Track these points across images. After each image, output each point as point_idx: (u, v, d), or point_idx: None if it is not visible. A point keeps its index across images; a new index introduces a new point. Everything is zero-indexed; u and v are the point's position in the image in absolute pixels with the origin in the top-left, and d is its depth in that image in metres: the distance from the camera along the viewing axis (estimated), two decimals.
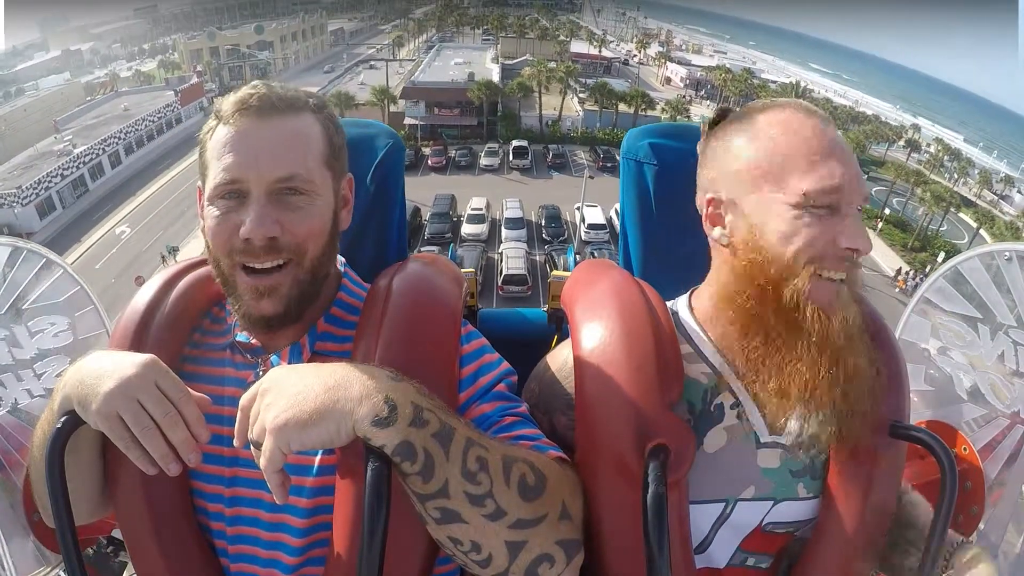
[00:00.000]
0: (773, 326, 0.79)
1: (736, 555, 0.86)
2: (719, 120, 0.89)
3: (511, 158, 34.36)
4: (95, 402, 0.70)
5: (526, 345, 1.16)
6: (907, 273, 26.20)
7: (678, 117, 38.74)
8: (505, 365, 0.90)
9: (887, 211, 32.76)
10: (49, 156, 32.30)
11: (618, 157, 1.24)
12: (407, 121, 38.23)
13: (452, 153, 35.36)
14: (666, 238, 1.15)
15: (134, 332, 0.86)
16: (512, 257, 22.26)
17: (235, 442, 0.70)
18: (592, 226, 24.82)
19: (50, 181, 29.94)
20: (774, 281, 0.78)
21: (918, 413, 1.23)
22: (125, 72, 53.21)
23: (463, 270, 1.10)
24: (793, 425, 0.81)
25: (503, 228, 25.52)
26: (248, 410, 0.69)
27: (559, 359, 0.94)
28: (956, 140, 48.05)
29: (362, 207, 1.13)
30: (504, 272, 21.41)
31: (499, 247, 24.13)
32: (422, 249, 22.95)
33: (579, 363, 0.84)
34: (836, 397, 0.77)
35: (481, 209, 26.54)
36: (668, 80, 57.58)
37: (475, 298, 1.48)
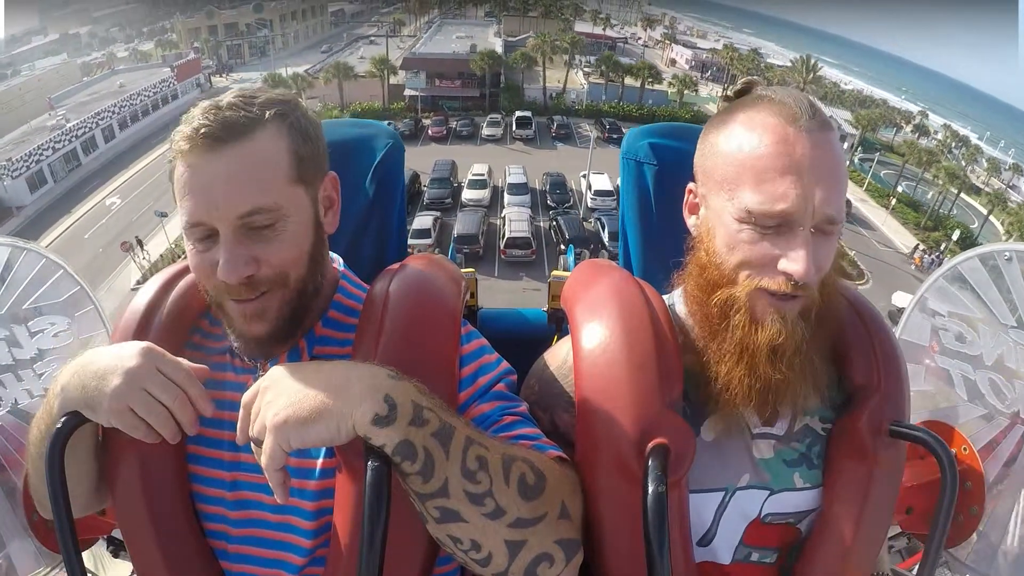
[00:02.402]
0: (711, 324, 0.81)
1: (739, 550, 0.85)
2: (742, 94, 0.85)
3: (514, 128, 33.68)
4: (105, 400, 0.72)
5: (526, 345, 1.14)
6: (923, 251, 25.68)
7: (686, 91, 38.04)
8: (504, 365, 0.89)
9: (900, 189, 31.99)
10: (42, 131, 31.42)
11: (624, 129, 0.75)
12: (407, 92, 37.49)
13: (453, 124, 34.64)
14: (666, 238, 1.11)
15: (134, 334, 0.85)
16: (516, 220, 21.59)
17: (237, 440, 0.71)
18: (599, 192, 24.08)
19: (41, 154, 29.00)
20: (715, 284, 0.79)
21: (918, 413, 1.21)
22: (122, 52, 52.43)
23: (463, 270, 1.07)
24: (783, 418, 0.84)
25: (506, 194, 24.74)
26: (250, 407, 0.69)
27: (558, 357, 0.93)
28: (963, 130, 47.21)
29: (362, 207, 1.17)
30: (507, 235, 20.72)
31: (501, 212, 23.40)
32: (420, 214, 22.28)
33: (579, 363, 0.84)
34: (754, 400, 0.78)
35: (483, 175, 25.76)
36: (673, 62, 56.77)
37: (475, 298, 1.47)
